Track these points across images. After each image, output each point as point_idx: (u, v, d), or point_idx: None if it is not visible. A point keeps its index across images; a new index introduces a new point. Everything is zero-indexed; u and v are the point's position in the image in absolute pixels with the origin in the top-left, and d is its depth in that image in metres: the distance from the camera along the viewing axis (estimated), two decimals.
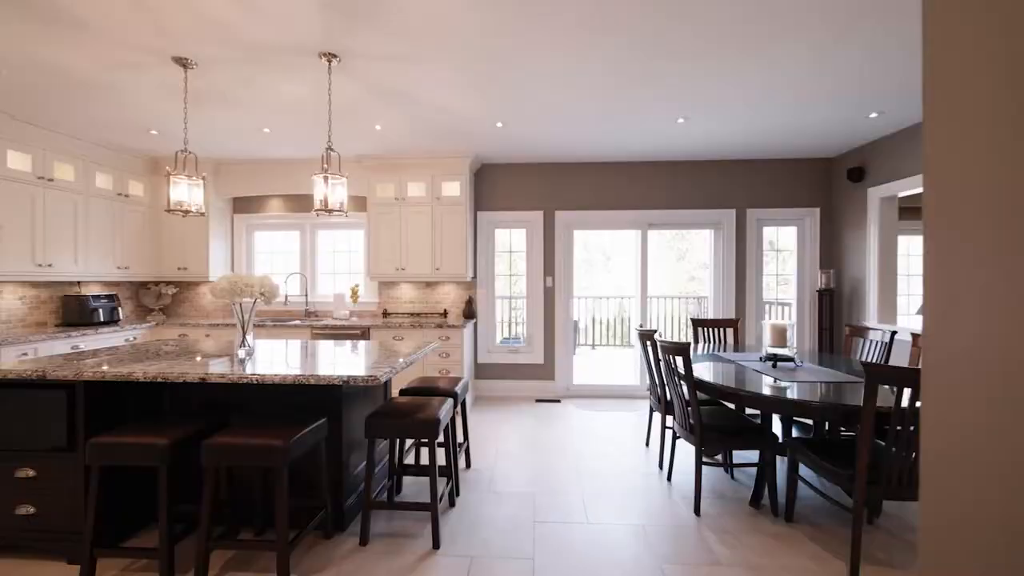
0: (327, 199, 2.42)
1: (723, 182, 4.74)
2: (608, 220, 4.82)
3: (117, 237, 4.33)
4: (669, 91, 2.99)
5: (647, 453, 3.21)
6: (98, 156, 4.12)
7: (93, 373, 1.96)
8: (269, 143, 4.11)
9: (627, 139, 4.03)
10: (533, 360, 4.84)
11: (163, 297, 4.90)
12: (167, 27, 2.23)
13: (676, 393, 2.59)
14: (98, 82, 2.83)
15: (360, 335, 4.23)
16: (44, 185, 3.71)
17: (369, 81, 2.81)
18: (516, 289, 5.06)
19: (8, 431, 2.04)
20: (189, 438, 1.94)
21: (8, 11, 2.09)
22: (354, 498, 2.38)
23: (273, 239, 5.23)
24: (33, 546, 2.04)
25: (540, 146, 4.23)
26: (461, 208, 4.48)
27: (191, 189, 2.63)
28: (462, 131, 3.78)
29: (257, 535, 2.21)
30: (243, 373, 1.94)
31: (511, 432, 3.68)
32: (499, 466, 3.01)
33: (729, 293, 4.75)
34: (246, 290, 2.37)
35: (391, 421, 2.11)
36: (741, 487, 2.69)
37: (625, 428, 3.78)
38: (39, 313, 3.99)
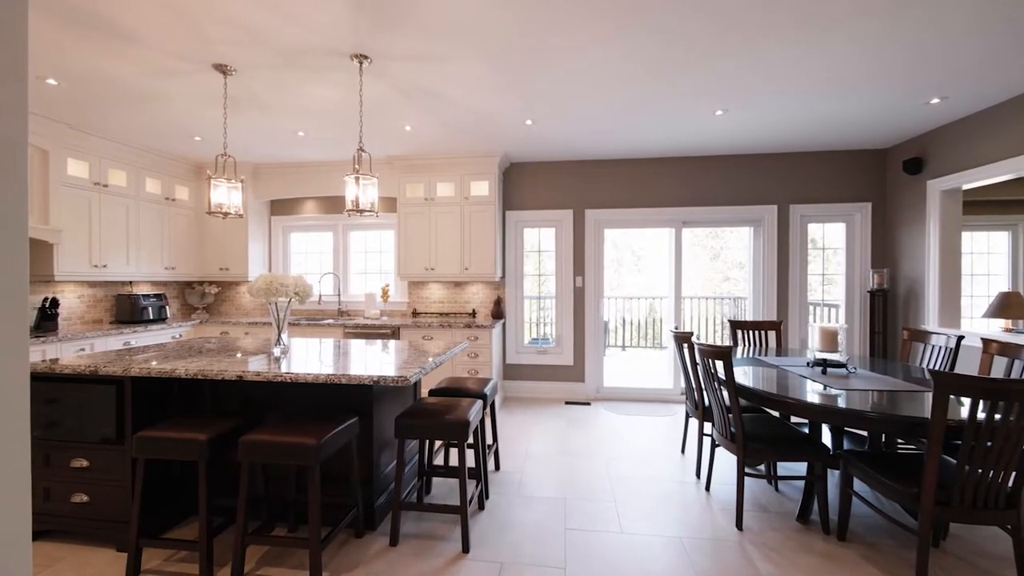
0: (358, 199, 2.44)
1: (764, 177, 4.51)
2: (640, 218, 4.68)
3: (165, 239, 4.56)
4: (706, 82, 2.85)
5: (683, 460, 3.08)
6: (147, 162, 4.34)
7: (139, 369, 2.04)
8: (303, 146, 4.22)
9: (661, 134, 3.89)
10: (562, 361, 4.76)
11: (206, 296, 5.12)
12: (207, 35, 2.30)
13: (715, 399, 2.46)
14: (145, 91, 2.97)
15: (390, 334, 4.28)
16: (99, 191, 3.94)
17: (399, 82, 2.82)
18: (544, 289, 4.99)
19: (66, 423, 2.16)
20: (227, 434, 1.99)
21: (64, 25, 2.20)
22: (384, 497, 2.38)
23: (307, 240, 5.37)
24: (86, 533, 2.14)
25: (570, 143, 4.15)
26: (490, 208, 4.46)
27: (230, 192, 2.72)
28: (491, 130, 3.75)
29: (291, 531, 2.24)
30: (278, 372, 1.97)
31: (540, 434, 3.62)
32: (528, 469, 2.95)
33: (770, 294, 4.52)
34: (281, 290, 2.42)
35: (421, 422, 2.09)
36: (786, 500, 2.53)
37: (658, 433, 3.65)
38: (95, 311, 4.24)
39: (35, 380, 2.18)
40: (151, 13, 2.11)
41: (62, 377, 2.16)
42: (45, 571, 1.94)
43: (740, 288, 9.92)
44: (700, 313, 7.29)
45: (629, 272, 11.13)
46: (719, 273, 10.61)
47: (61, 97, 3.07)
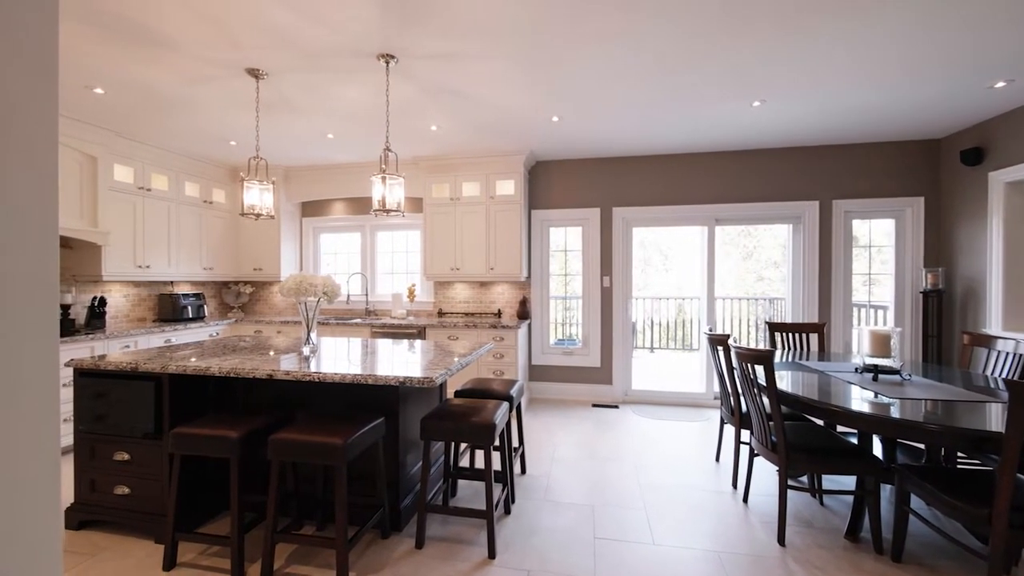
0: (385, 199, 2.44)
1: (804, 171, 4.28)
2: (670, 216, 4.53)
3: (203, 240, 4.73)
4: (743, 71, 2.71)
5: (718, 469, 2.94)
6: (186, 167, 4.52)
7: (176, 367, 2.10)
8: (333, 148, 4.29)
9: (693, 128, 3.74)
10: (589, 363, 4.66)
11: (241, 296, 5.29)
12: (240, 40, 2.35)
13: (754, 406, 2.33)
14: (183, 97, 3.07)
15: (416, 334, 4.30)
16: (143, 194, 4.13)
17: (425, 81, 2.81)
18: (571, 289, 4.91)
19: (111, 417, 2.24)
20: (258, 431, 2.02)
21: (110, 36, 2.29)
22: (410, 498, 2.37)
23: (337, 240, 5.47)
24: (128, 524, 2.22)
25: (598, 140, 4.06)
26: (515, 207, 4.41)
27: (262, 193, 2.77)
28: (517, 128, 3.70)
29: (319, 529, 2.26)
30: (306, 371, 1.98)
31: (567, 437, 3.55)
32: (555, 473, 2.89)
33: (810, 295, 4.28)
34: (310, 289, 2.44)
35: (446, 424, 2.06)
36: (833, 515, 2.37)
37: (691, 439, 3.51)
38: (140, 309, 4.44)
39: (82, 375, 2.28)
40: (187, 21, 2.17)
41: (106, 373, 2.25)
42: (90, 560, 2.02)
43: (775, 288, 9.52)
44: (733, 314, 7.03)
45: (657, 272, 10.88)
46: (752, 273, 10.23)
47: (107, 105, 3.21)
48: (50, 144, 0.73)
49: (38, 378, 0.71)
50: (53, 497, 0.73)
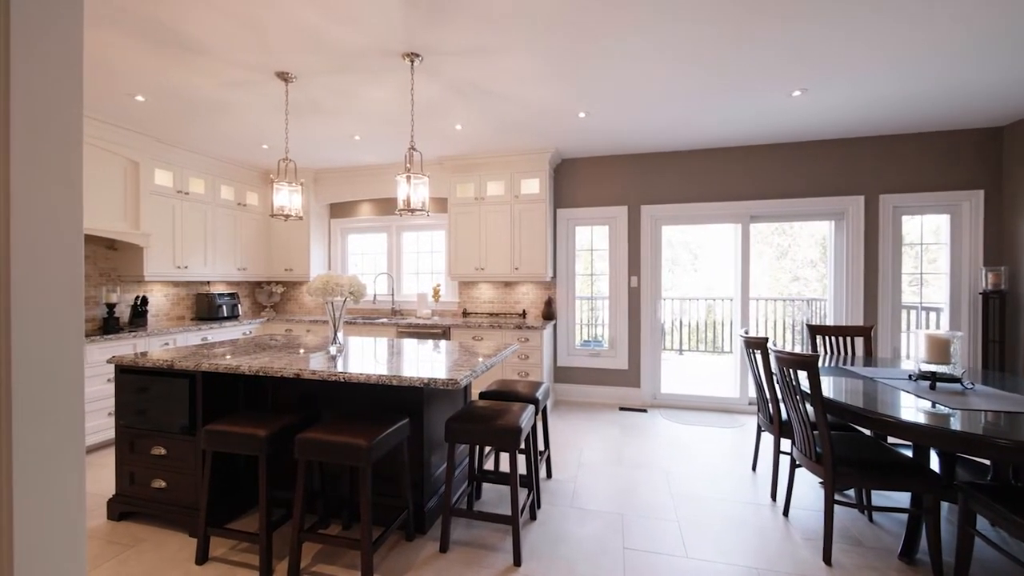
0: (410, 199, 2.43)
1: (847, 164, 4.03)
2: (702, 213, 4.36)
3: (237, 242, 4.88)
4: (781, 58, 2.56)
5: (755, 480, 2.79)
6: (221, 171, 4.67)
7: (208, 365, 2.15)
8: (359, 150, 4.34)
9: (727, 121, 3.58)
10: (616, 365, 4.55)
11: (273, 295, 5.44)
12: (269, 43, 2.38)
13: (796, 414, 2.19)
14: (217, 101, 3.16)
15: (441, 334, 4.29)
16: (181, 198, 4.29)
17: (450, 79, 2.78)
18: (597, 289, 4.80)
19: (150, 413, 2.32)
20: (285, 429, 2.03)
21: (148, 44, 2.37)
22: (435, 500, 2.35)
23: (363, 241, 5.55)
24: (164, 516, 2.29)
25: (626, 136, 3.94)
26: (540, 206, 4.35)
27: (291, 195, 2.81)
28: (542, 125, 3.64)
29: (345, 528, 2.26)
30: (332, 371, 1.99)
31: (594, 441, 3.46)
32: (582, 479, 2.81)
33: (854, 296, 4.03)
34: (336, 289, 2.46)
35: (471, 427, 2.02)
36: (884, 534, 2.20)
37: (725, 447, 3.35)
38: (179, 308, 4.62)
39: (123, 372, 2.36)
40: (218, 24, 2.21)
41: (144, 370, 2.33)
42: (129, 550, 2.08)
43: (812, 289, 9.08)
44: (767, 316, 6.74)
45: (685, 272, 10.59)
46: (787, 272, 9.81)
47: (148, 112, 3.35)
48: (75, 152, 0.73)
49: (62, 377, 0.71)
50: (78, 495, 0.72)
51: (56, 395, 0.68)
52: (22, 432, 0.64)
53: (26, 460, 0.65)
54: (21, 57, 0.64)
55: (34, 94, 0.66)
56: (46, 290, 0.67)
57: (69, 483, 0.70)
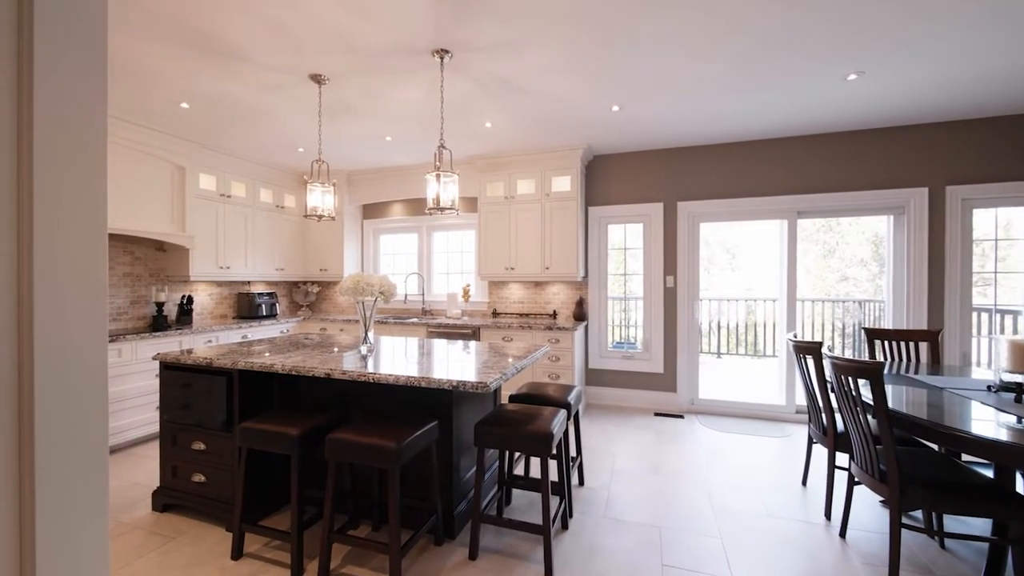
0: (439, 197, 2.39)
1: (909, 154, 3.70)
2: (744, 210, 4.13)
3: (275, 243, 5.04)
4: (836, 38, 2.35)
5: (805, 495, 2.58)
6: (261, 174, 4.83)
7: (244, 363, 2.18)
8: (391, 150, 4.37)
9: (773, 111, 3.35)
10: (651, 368, 4.37)
11: (309, 295, 5.58)
12: (302, 45, 2.41)
13: (855, 426, 2.00)
14: (255, 106, 3.24)
15: (471, 335, 4.26)
16: (224, 201, 4.46)
17: (479, 75, 2.74)
18: (630, 289, 4.64)
19: (189, 408, 2.39)
20: (317, 429, 2.04)
21: (190, 51, 2.44)
22: (464, 504, 2.30)
23: (395, 241, 5.61)
24: (203, 510, 2.35)
25: (661, 129, 3.78)
26: (572, 204, 4.24)
27: (324, 195, 2.85)
28: (574, 120, 3.54)
29: (374, 529, 2.25)
30: (361, 371, 1.97)
31: (628, 448, 3.32)
32: (616, 487, 2.69)
33: (917, 297, 3.69)
34: (367, 289, 2.45)
35: (501, 431, 1.96)
36: (958, 562, 1.97)
37: (771, 458, 3.14)
38: (221, 307, 4.81)
39: (166, 368, 2.45)
40: (254, 29, 2.25)
41: (185, 367, 2.40)
42: (171, 542, 2.15)
43: (862, 289, 8.51)
44: (813, 318, 6.35)
45: (721, 271, 10.17)
46: (834, 272, 9.24)
47: (192, 119, 3.48)
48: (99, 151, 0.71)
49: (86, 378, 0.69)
50: (101, 495, 0.70)
51: (79, 398, 0.66)
52: (44, 438, 0.63)
53: (48, 467, 0.63)
54: (45, 49, 0.62)
55: (57, 86, 0.65)
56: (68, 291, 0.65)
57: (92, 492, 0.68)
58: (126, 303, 3.91)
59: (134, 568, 1.96)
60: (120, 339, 3.30)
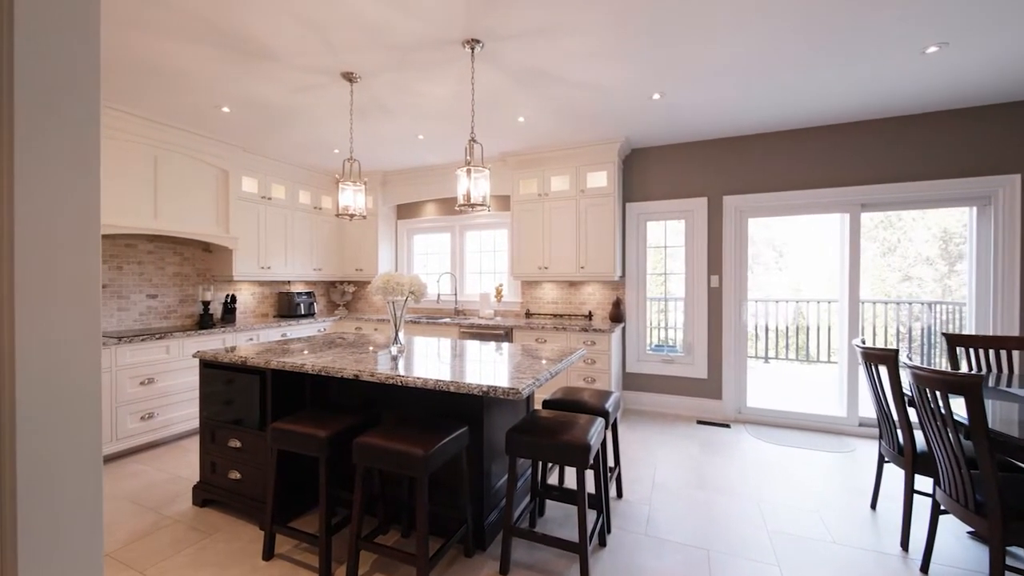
0: (470, 193, 2.30)
1: (996, 137, 3.27)
2: (798, 203, 3.80)
3: (313, 244, 5.15)
4: (911, 3, 2.07)
5: (876, 521, 2.30)
6: (299, 176, 4.94)
7: (277, 363, 2.18)
8: (423, 150, 4.35)
9: (833, 92, 3.05)
10: (693, 373, 4.12)
11: (346, 295, 5.68)
12: (333, 42, 2.38)
13: (943, 447, 1.73)
14: (289, 109, 3.28)
15: (503, 335, 4.17)
16: (265, 203, 4.59)
17: (511, 65, 2.63)
18: (670, 289, 4.40)
19: (225, 406, 2.42)
20: (346, 431, 1.99)
21: (218, 50, 2.48)
22: (495, 514, 2.20)
23: (428, 241, 5.61)
24: (238, 507, 2.37)
25: (706, 118, 3.53)
26: (608, 200, 4.06)
27: (355, 195, 2.83)
28: (610, 112, 3.36)
29: (404, 536, 2.19)
30: (389, 374, 1.91)
31: (669, 458, 3.11)
32: (657, 502, 2.51)
33: (1007, 299, 3.26)
34: (397, 288, 2.40)
35: (534, 440, 1.84)
36: None
37: (831, 476, 2.85)
38: (263, 306, 4.96)
39: (205, 366, 2.49)
40: (285, 27, 2.24)
41: (221, 365, 2.43)
42: (207, 539, 2.17)
43: (928, 290, 7.76)
44: (871, 320, 5.83)
45: (767, 271, 9.59)
46: (896, 271, 8.50)
47: (233, 123, 3.58)
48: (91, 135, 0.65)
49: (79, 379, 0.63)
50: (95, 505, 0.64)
51: (69, 405, 0.61)
52: (26, 449, 0.57)
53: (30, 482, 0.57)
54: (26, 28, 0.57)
55: (43, 70, 0.59)
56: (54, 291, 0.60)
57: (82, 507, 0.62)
58: (175, 301, 4.09)
59: (172, 563, 1.98)
60: (168, 336, 3.43)
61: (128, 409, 3.18)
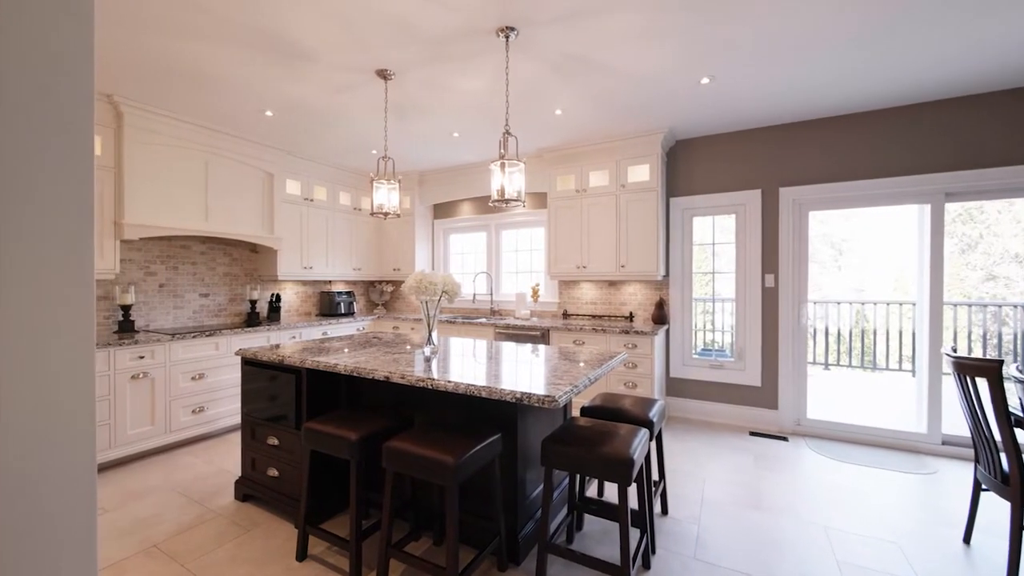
0: (503, 188, 2.20)
1: None
2: (867, 194, 3.42)
3: (353, 244, 5.24)
4: None
5: (971, 558, 1.99)
6: (339, 178, 5.05)
7: (311, 362, 2.17)
8: (459, 148, 4.30)
9: (911, 68, 2.69)
10: (745, 380, 3.82)
11: (384, 294, 5.76)
12: (366, 39, 2.36)
13: None
14: (328, 110, 3.32)
15: (540, 337, 4.05)
16: (307, 205, 4.71)
17: (548, 52, 2.50)
18: (718, 289, 4.10)
19: (265, 404, 2.46)
20: (377, 434, 1.95)
21: (255, 52, 2.52)
22: (531, 526, 2.09)
23: (464, 241, 5.58)
24: (276, 504, 2.39)
25: (760, 103, 3.25)
26: (650, 195, 3.84)
27: (389, 193, 2.81)
28: (655, 100, 3.16)
29: (436, 543, 2.12)
30: (419, 376, 1.84)
31: (720, 473, 2.88)
32: (707, 521, 2.30)
33: None
34: (430, 288, 2.35)
35: (572, 451, 1.71)
36: None
37: (911, 501, 2.52)
38: (306, 305, 5.11)
39: (246, 364, 2.54)
40: (318, 24, 2.24)
41: (260, 363, 2.47)
42: (245, 534, 2.20)
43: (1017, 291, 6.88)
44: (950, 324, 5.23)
45: (823, 269, 8.89)
46: (978, 270, 7.60)
47: (277, 126, 3.68)
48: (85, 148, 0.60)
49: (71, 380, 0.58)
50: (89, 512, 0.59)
51: (55, 415, 0.56)
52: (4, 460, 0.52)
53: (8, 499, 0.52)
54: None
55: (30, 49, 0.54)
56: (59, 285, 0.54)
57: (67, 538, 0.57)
58: (225, 300, 4.27)
59: (212, 558, 2.01)
60: (216, 333, 3.57)
61: (180, 403, 3.33)
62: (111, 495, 2.60)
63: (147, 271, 3.69)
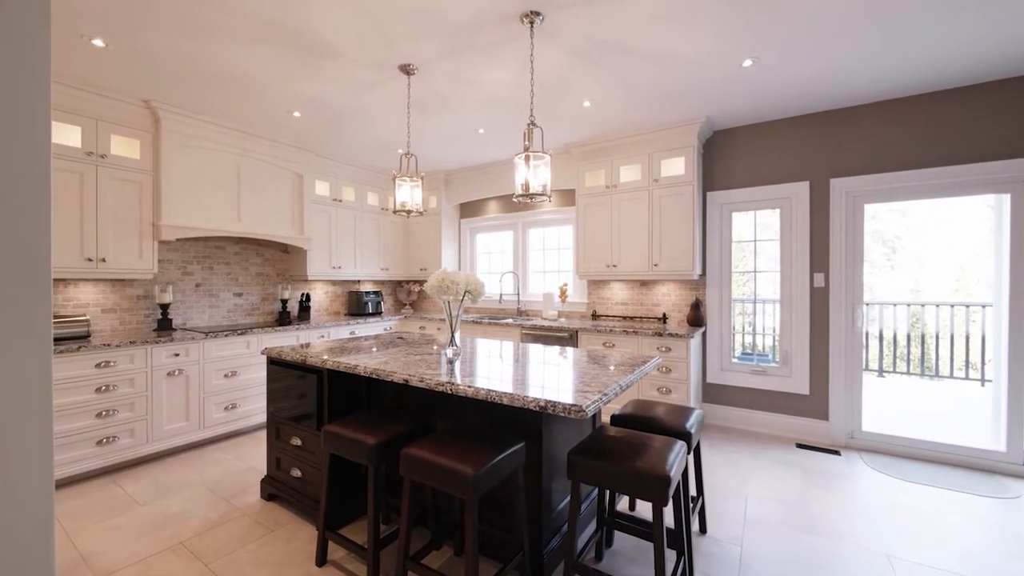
0: (528, 183, 2.09)
1: None
2: (931, 184, 3.09)
3: (380, 244, 5.27)
4: None
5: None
6: (366, 179, 5.08)
7: (332, 363, 2.13)
8: (484, 144, 4.22)
9: (983, 41, 2.39)
10: (791, 387, 3.54)
11: (411, 294, 5.76)
12: (388, 33, 2.30)
13: None
14: (354, 108, 3.31)
15: (568, 339, 3.90)
16: (336, 206, 4.75)
17: (575, 39, 2.37)
18: (760, 290, 3.83)
19: (290, 404, 2.44)
20: (397, 438, 1.88)
21: (287, 52, 2.51)
22: (556, 540, 1.96)
23: (490, 240, 5.50)
24: (299, 505, 2.37)
25: (809, 86, 2.99)
26: (686, 189, 3.62)
27: (412, 190, 2.75)
28: (690, 86, 2.96)
29: (456, 553, 2.03)
30: (439, 381, 1.75)
31: (764, 489, 2.65)
32: (750, 542, 2.10)
33: None
34: (451, 287, 2.26)
35: (601, 465, 1.58)
36: None
37: (989, 529, 2.22)
38: (335, 304, 5.17)
39: (271, 363, 2.54)
40: (340, 19, 2.19)
41: (284, 363, 2.46)
42: (269, 534, 2.19)
43: None
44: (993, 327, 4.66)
45: (874, 268, 8.25)
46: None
47: (305, 127, 3.71)
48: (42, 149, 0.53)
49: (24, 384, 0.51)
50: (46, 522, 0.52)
51: (21, 404, 0.49)
52: None
53: None
54: None
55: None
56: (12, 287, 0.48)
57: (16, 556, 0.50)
58: (258, 300, 4.36)
59: (235, 558, 2.00)
60: (248, 332, 3.64)
61: (213, 400, 3.41)
62: (145, 489, 2.66)
63: (184, 271, 3.80)
